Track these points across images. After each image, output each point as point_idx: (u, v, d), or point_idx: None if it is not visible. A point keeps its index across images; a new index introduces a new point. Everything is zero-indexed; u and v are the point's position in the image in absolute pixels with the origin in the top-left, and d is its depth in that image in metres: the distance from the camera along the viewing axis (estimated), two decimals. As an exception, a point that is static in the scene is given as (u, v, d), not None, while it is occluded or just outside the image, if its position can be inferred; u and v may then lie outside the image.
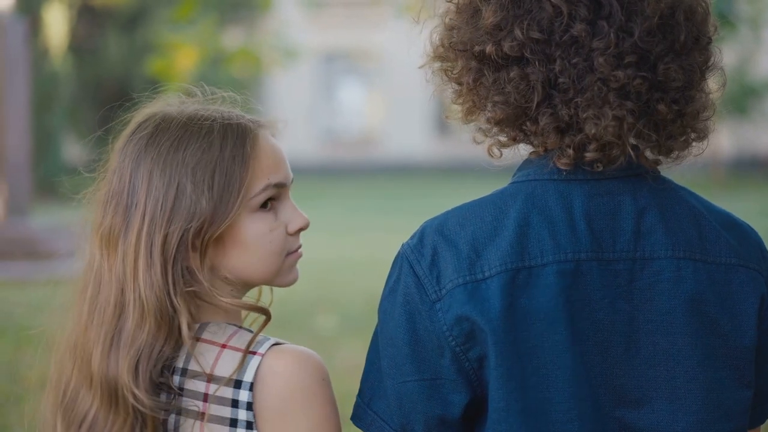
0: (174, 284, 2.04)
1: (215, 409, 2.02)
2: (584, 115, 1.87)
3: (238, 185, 2.06)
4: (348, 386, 1.99)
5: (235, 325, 2.10)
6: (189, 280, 2.06)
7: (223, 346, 2.04)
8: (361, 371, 2.03)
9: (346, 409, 2.04)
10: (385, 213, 21.50)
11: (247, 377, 2.01)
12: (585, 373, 1.87)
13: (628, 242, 1.91)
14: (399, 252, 1.98)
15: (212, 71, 23.91)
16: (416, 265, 1.93)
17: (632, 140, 1.90)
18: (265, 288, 2.23)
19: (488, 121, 1.96)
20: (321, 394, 2.02)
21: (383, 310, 1.97)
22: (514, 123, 1.93)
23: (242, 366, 2.01)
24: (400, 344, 1.93)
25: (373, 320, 2.01)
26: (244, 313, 2.17)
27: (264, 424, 2.02)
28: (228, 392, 2.02)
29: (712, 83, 1.99)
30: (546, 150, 1.95)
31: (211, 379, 2.02)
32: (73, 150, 27.00)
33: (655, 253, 1.91)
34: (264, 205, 2.09)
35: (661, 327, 1.91)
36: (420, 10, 2.09)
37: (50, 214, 17.76)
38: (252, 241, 2.09)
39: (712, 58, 1.96)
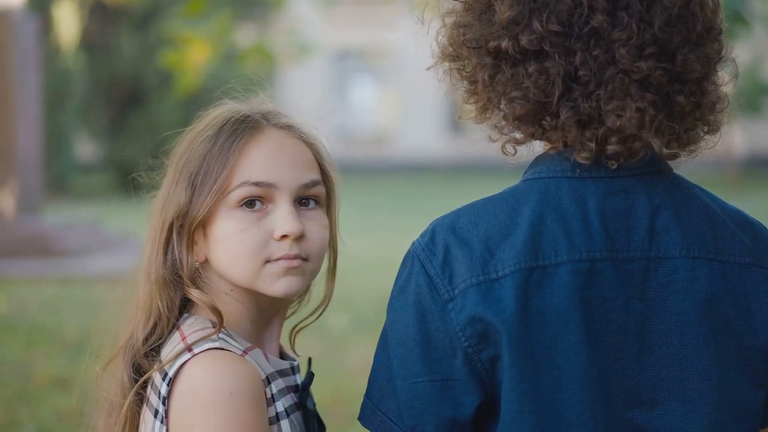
0: (161, 269, 2.11)
1: (152, 396, 2.06)
2: (607, 108, 1.84)
3: (214, 179, 2.07)
4: (359, 385, 1.98)
5: (212, 322, 2.09)
6: (178, 269, 2.11)
7: (183, 338, 2.06)
8: (373, 371, 2.01)
9: (357, 408, 2.02)
10: (397, 211, 21.49)
11: (171, 371, 2.02)
12: (598, 374, 1.85)
13: (643, 241, 1.89)
14: (409, 250, 1.95)
15: (226, 68, 23.95)
16: (428, 264, 1.90)
17: (652, 133, 1.88)
18: (321, 283, 2.25)
19: (505, 117, 1.93)
20: (226, 409, 1.96)
21: (393, 309, 1.94)
22: (533, 118, 1.90)
23: (174, 360, 2.02)
24: (410, 344, 1.90)
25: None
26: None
27: (169, 421, 2.02)
28: (159, 381, 2.04)
29: (724, 75, 1.97)
30: (566, 145, 1.93)
31: (159, 367, 2.06)
32: (85, 148, 27.06)
33: (670, 253, 1.89)
34: (250, 204, 2.07)
35: (675, 327, 1.88)
36: (424, 8, 2.06)
37: (62, 211, 17.82)
38: (223, 237, 2.08)
39: (724, 49, 1.94)
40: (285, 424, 2.08)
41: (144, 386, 2.09)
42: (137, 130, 24.95)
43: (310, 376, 2.20)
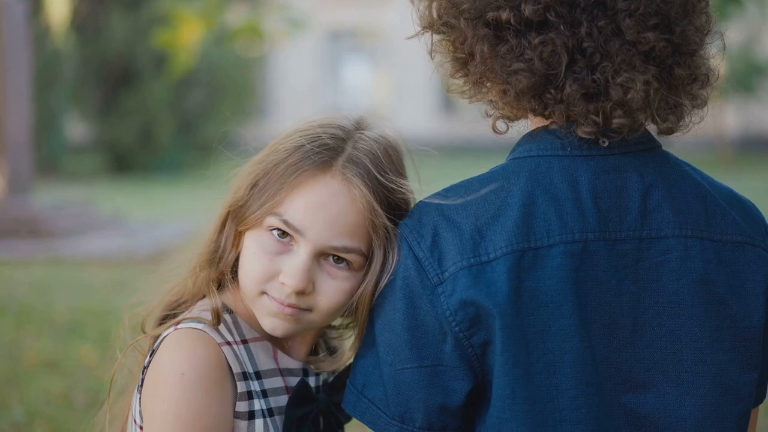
0: (208, 249, 2.13)
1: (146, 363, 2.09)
2: (618, 80, 1.81)
3: (266, 195, 2.03)
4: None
5: (226, 308, 2.11)
6: (219, 256, 2.12)
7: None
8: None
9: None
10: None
11: (156, 344, 2.05)
12: (591, 358, 1.82)
13: (635, 221, 1.86)
14: (396, 232, 1.92)
15: (217, 48, 23.88)
16: (416, 247, 1.86)
17: (655, 106, 1.85)
18: None
19: (504, 92, 1.88)
20: (174, 389, 1.98)
21: (379, 293, 1.91)
22: (536, 92, 1.85)
23: (163, 331, 2.06)
24: (398, 329, 1.86)
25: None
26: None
27: (142, 389, 2.05)
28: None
29: (712, 49, 1.94)
30: (568, 119, 1.88)
31: (148, 335, 2.13)
32: (76, 128, 26.99)
33: (662, 232, 1.86)
34: (284, 235, 2.02)
35: (668, 308, 1.86)
36: None
37: (52, 192, 17.78)
38: (245, 248, 2.07)
39: (712, 21, 1.92)
40: (259, 423, 2.05)
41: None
42: (128, 111, 24.89)
43: (300, 383, 2.13)
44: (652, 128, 1.94)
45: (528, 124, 1.97)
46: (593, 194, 1.85)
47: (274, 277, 2.01)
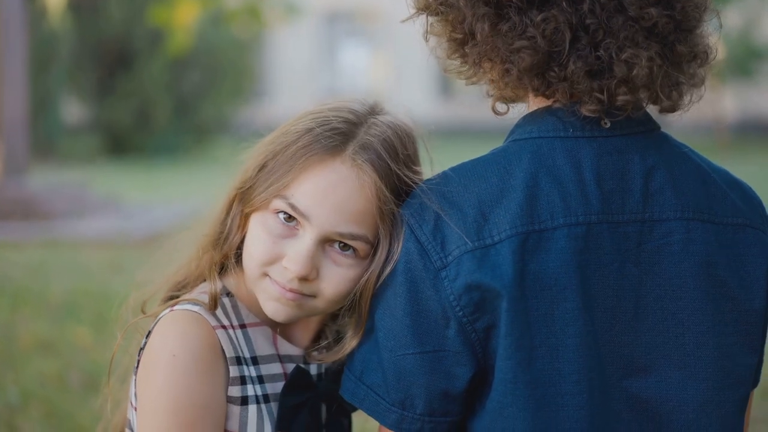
0: (214, 231, 2.10)
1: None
2: (622, 57, 1.79)
3: (274, 178, 2.00)
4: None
5: (227, 291, 2.09)
6: (224, 239, 2.10)
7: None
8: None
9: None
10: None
11: (152, 325, 2.05)
12: (594, 342, 1.80)
13: (637, 203, 1.84)
14: (397, 216, 1.89)
15: (213, 30, 23.83)
16: (418, 230, 1.84)
17: (659, 83, 1.83)
18: None
19: (507, 71, 1.85)
20: (166, 370, 1.96)
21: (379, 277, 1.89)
22: (539, 70, 1.83)
23: (159, 313, 2.05)
24: (399, 315, 1.84)
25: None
26: None
27: (137, 371, 2.04)
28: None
29: (708, 28, 1.92)
30: (571, 97, 1.85)
31: (144, 316, 2.13)
32: (72, 110, 26.94)
33: (664, 215, 1.84)
34: (290, 219, 1.99)
35: (670, 291, 1.84)
36: None
37: (48, 174, 17.77)
38: (248, 233, 2.04)
39: None
40: (252, 408, 2.03)
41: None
42: (125, 92, 24.84)
43: (295, 370, 2.10)
44: (651, 109, 1.92)
45: (527, 106, 1.95)
46: (596, 176, 1.83)
47: (277, 260, 1.99)
